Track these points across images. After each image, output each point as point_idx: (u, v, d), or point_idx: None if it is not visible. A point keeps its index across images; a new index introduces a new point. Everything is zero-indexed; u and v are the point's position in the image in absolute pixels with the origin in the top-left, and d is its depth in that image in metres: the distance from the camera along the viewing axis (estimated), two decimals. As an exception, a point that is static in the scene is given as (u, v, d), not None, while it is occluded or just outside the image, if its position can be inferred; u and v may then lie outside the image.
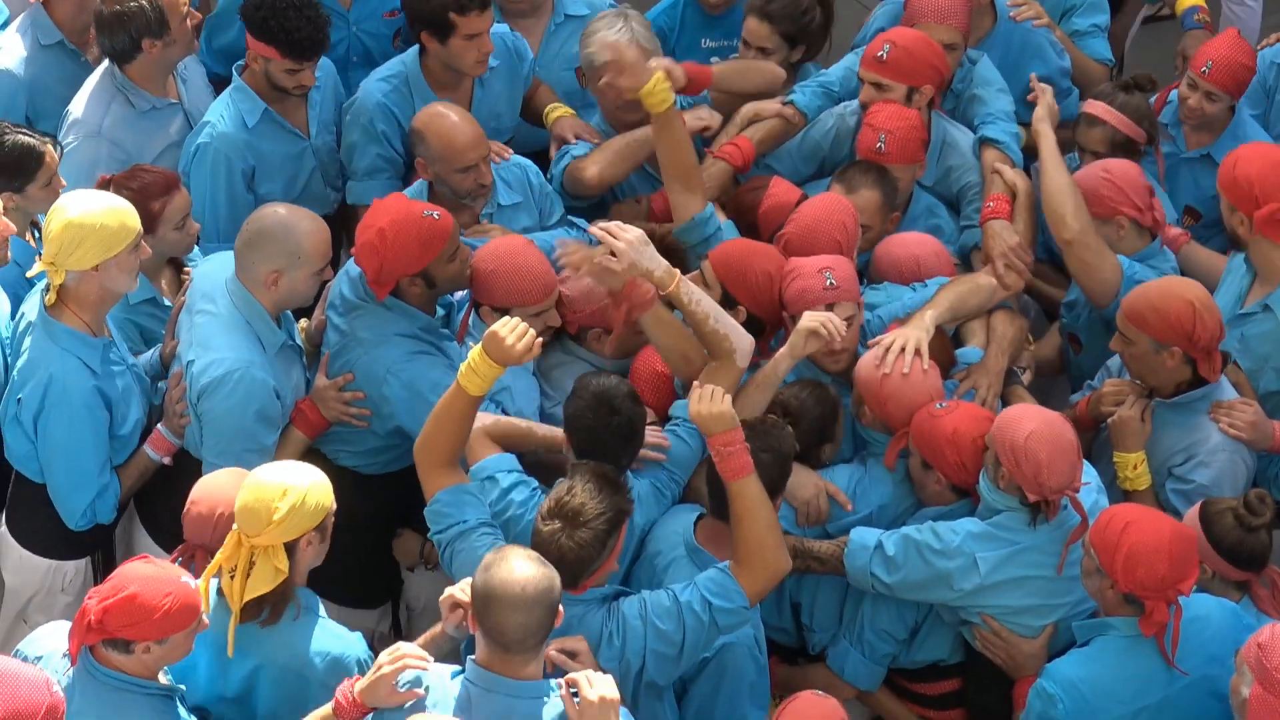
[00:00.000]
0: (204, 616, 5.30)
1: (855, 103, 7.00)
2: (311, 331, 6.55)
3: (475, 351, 5.57)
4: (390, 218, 6.12)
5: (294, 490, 5.41)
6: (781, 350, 6.02)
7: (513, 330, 5.51)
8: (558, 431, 5.98)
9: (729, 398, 5.61)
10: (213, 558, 5.55)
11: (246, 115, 6.99)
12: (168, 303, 6.66)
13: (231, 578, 5.42)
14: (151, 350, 6.58)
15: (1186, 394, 6.28)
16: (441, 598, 5.38)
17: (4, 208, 6.45)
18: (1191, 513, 5.97)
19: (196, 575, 5.48)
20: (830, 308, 6.00)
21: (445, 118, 6.65)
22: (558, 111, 7.20)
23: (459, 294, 6.48)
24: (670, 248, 6.40)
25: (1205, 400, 6.30)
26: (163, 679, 5.36)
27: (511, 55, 7.27)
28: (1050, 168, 6.70)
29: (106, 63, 7.02)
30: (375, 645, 6.06)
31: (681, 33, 7.60)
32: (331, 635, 5.57)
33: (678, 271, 5.91)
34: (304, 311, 6.66)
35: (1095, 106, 7.06)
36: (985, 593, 5.83)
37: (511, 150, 7.07)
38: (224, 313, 6.21)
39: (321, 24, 6.90)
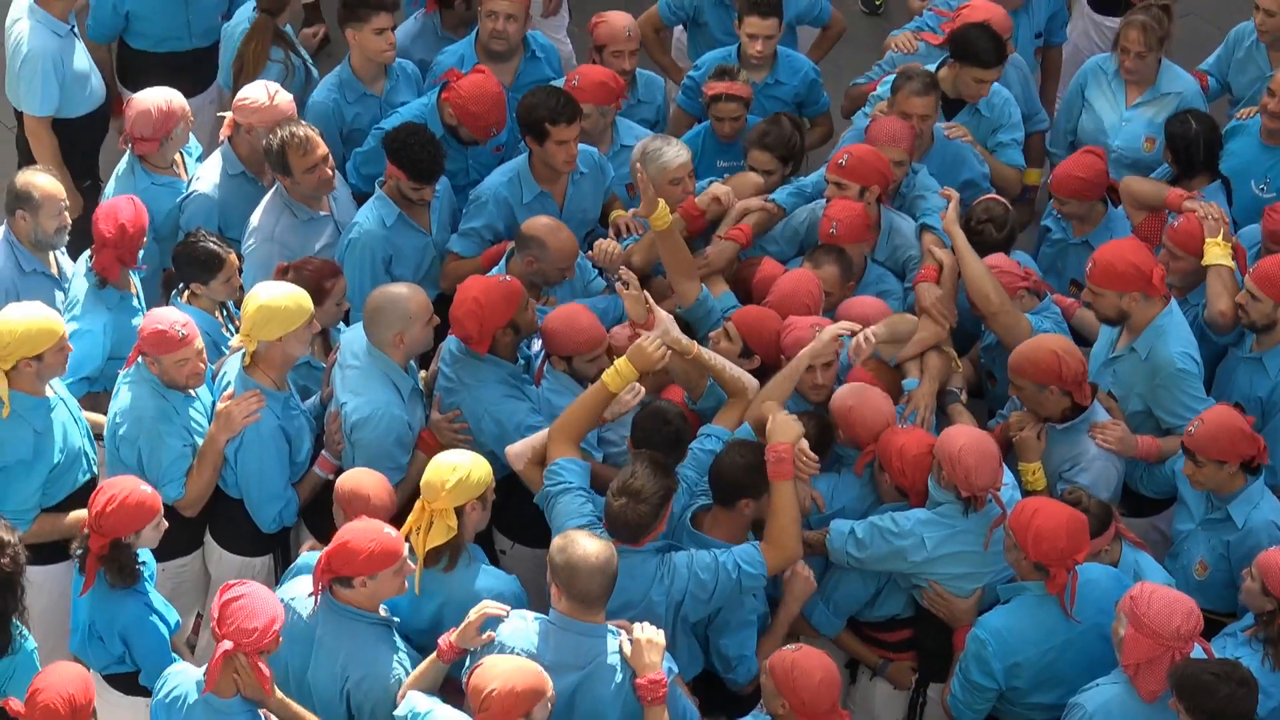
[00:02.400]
0: (407, 560, 6.24)
1: (822, 203, 7.85)
2: (428, 380, 7.43)
3: (621, 360, 6.66)
4: (479, 288, 7.07)
5: (461, 468, 6.41)
6: (804, 350, 6.91)
7: (653, 344, 6.67)
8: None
9: (792, 421, 6.61)
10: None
11: (385, 217, 7.83)
12: (319, 363, 7.53)
13: (417, 534, 6.39)
14: (314, 396, 7.42)
15: (1070, 420, 7.17)
16: (474, 615, 6.17)
17: (193, 293, 7.44)
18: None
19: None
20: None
21: (562, 232, 7.55)
22: (616, 211, 8.25)
23: (535, 348, 7.36)
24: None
25: (1085, 422, 7.14)
26: (382, 612, 6.30)
27: (598, 168, 8.20)
28: (967, 259, 7.50)
29: (277, 184, 7.88)
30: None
31: (701, 156, 8.42)
32: (494, 576, 6.55)
33: (695, 342, 6.94)
34: (423, 364, 7.53)
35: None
36: (931, 564, 6.70)
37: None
38: (365, 367, 7.11)
39: (439, 155, 7.76)
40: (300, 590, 6.40)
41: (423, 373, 7.53)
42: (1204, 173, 8.26)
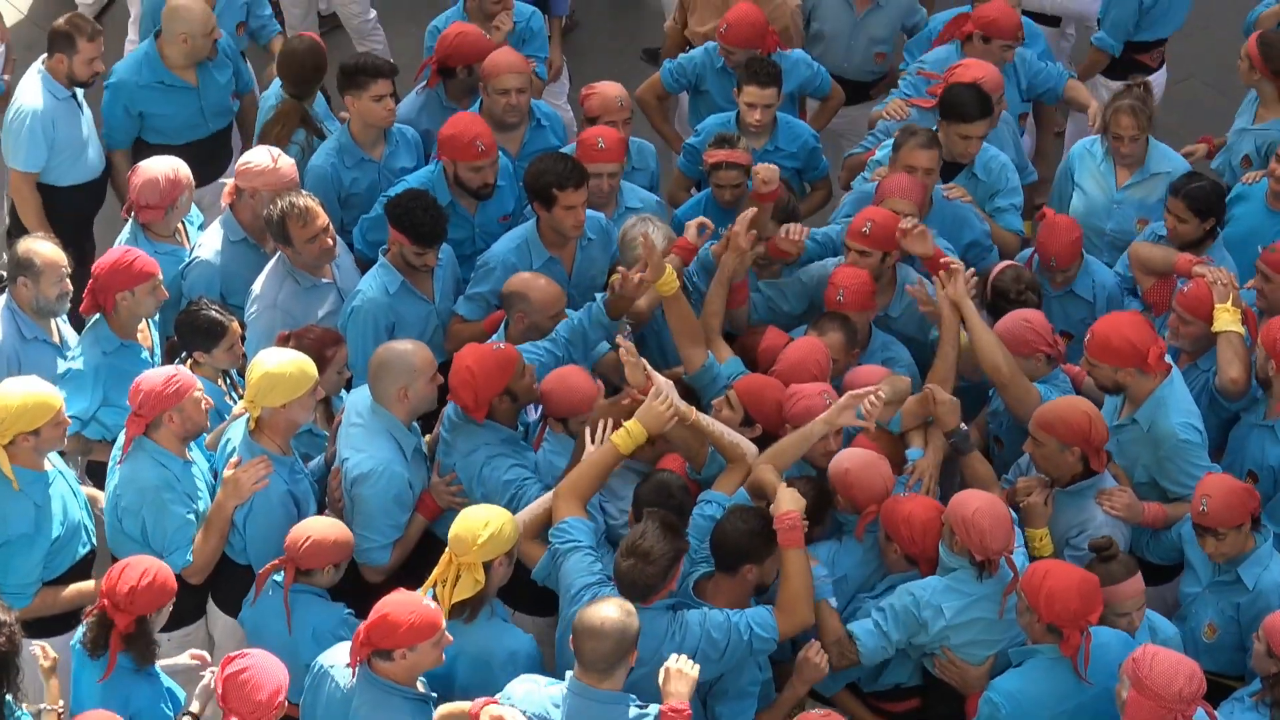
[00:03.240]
0: (445, 632, 6.23)
1: (834, 260, 8.05)
2: (430, 443, 7.47)
3: (630, 422, 6.76)
4: (473, 356, 7.10)
5: (493, 524, 6.46)
6: (821, 416, 6.90)
7: (663, 403, 6.75)
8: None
9: (799, 497, 6.58)
10: (298, 571, 6.62)
11: (389, 285, 7.86)
12: (321, 431, 7.56)
13: (443, 586, 6.45)
14: (318, 458, 7.45)
15: (1079, 483, 7.16)
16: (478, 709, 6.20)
17: (195, 362, 7.45)
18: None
19: (286, 584, 6.59)
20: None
21: (539, 279, 7.66)
22: (617, 274, 7.86)
23: (534, 416, 7.43)
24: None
25: (1092, 488, 7.16)
26: (420, 688, 6.30)
27: (605, 234, 8.27)
28: (977, 331, 7.47)
29: (280, 252, 7.89)
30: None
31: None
32: (513, 634, 6.62)
33: (692, 408, 6.96)
34: (427, 428, 7.57)
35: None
36: (948, 632, 6.68)
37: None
38: (369, 424, 7.15)
39: (441, 220, 7.82)
40: (339, 659, 6.41)
41: (427, 436, 7.58)
42: (1211, 237, 8.29)
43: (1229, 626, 7.09)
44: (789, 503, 6.59)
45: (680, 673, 6.15)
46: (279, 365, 7.05)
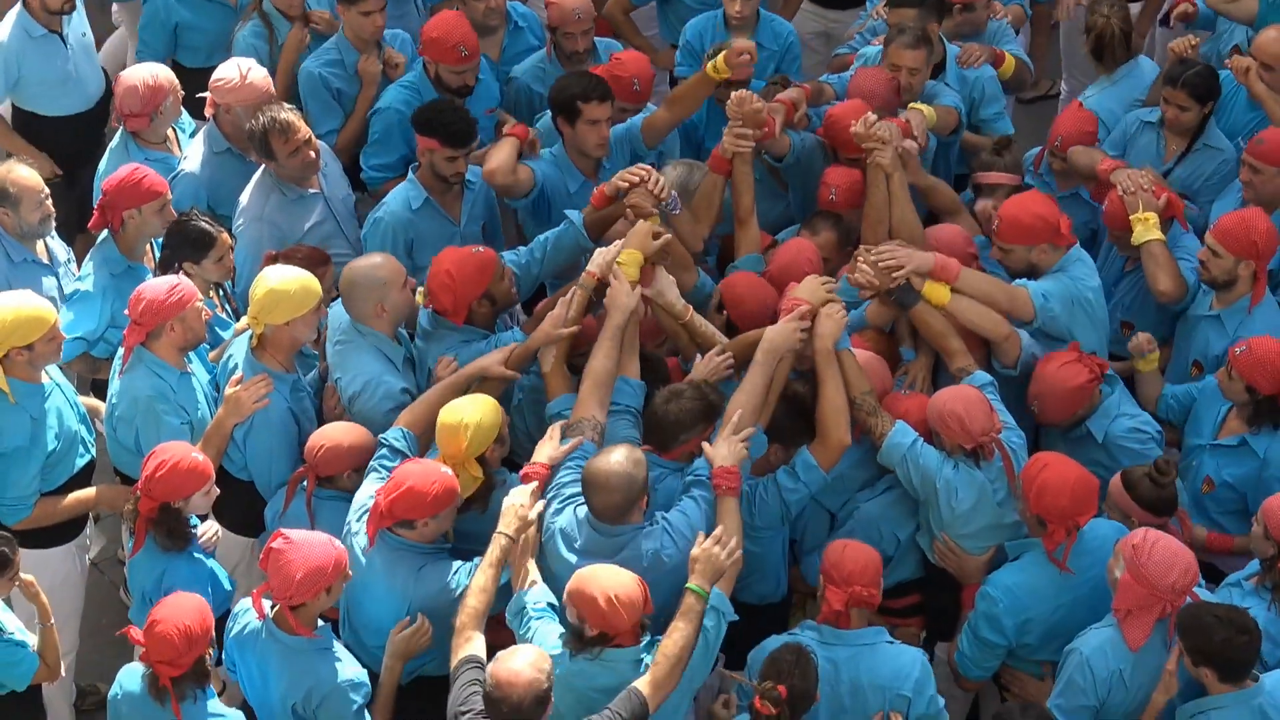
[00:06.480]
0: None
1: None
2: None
3: (624, 253, 6.78)
4: (452, 260, 7.03)
5: (469, 419, 6.45)
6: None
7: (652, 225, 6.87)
8: None
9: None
10: (320, 478, 6.65)
11: (413, 200, 7.78)
12: (310, 351, 7.44)
13: None
14: (312, 371, 7.39)
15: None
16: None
17: (185, 273, 7.32)
18: (1115, 479, 6.74)
19: (309, 491, 6.66)
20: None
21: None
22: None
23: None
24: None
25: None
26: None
27: (627, 148, 8.10)
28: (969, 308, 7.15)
29: (264, 165, 7.87)
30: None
31: (708, 122, 8.53)
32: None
33: (689, 306, 7.02)
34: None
35: (988, 177, 7.95)
36: (959, 521, 6.67)
37: None
38: (354, 341, 7.10)
39: (471, 123, 7.75)
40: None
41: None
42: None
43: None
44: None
45: (731, 439, 6.29)
46: (283, 282, 7.03)
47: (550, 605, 6.18)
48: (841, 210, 7.71)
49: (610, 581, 5.93)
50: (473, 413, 6.51)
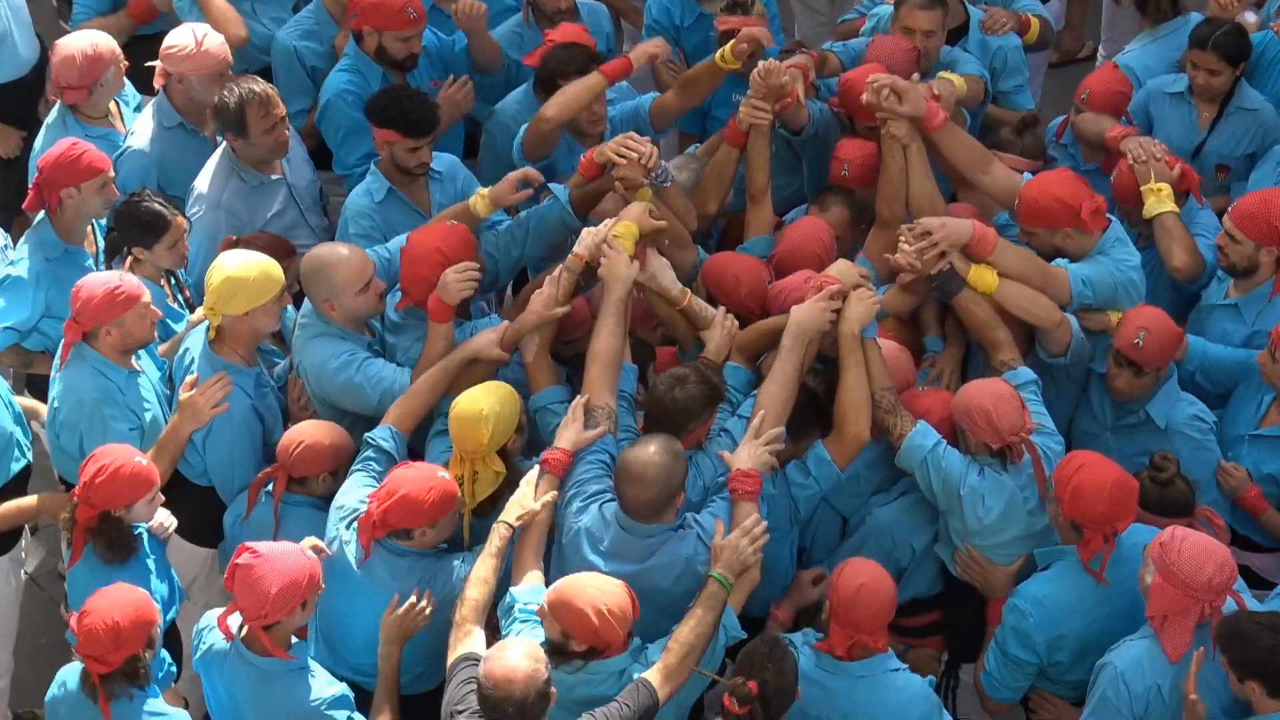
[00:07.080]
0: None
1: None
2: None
3: (620, 225, 6.53)
4: (436, 238, 6.80)
5: (489, 410, 6.25)
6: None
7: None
8: None
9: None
10: (290, 480, 6.44)
11: (374, 192, 7.45)
12: (270, 347, 7.29)
13: (462, 487, 6.25)
14: (282, 362, 7.19)
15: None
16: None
17: (135, 259, 7.10)
18: None
19: (276, 493, 6.41)
20: None
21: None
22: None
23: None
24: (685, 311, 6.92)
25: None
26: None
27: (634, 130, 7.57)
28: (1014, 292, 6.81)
29: (224, 145, 7.56)
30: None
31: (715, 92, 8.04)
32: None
33: (687, 290, 6.77)
34: None
35: (1003, 159, 7.44)
36: (987, 532, 6.41)
37: None
38: (314, 324, 6.84)
39: (431, 108, 7.42)
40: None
41: None
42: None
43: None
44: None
45: (754, 444, 6.12)
46: (240, 268, 6.71)
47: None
48: (854, 187, 7.45)
49: (598, 593, 5.73)
50: (491, 402, 6.30)
